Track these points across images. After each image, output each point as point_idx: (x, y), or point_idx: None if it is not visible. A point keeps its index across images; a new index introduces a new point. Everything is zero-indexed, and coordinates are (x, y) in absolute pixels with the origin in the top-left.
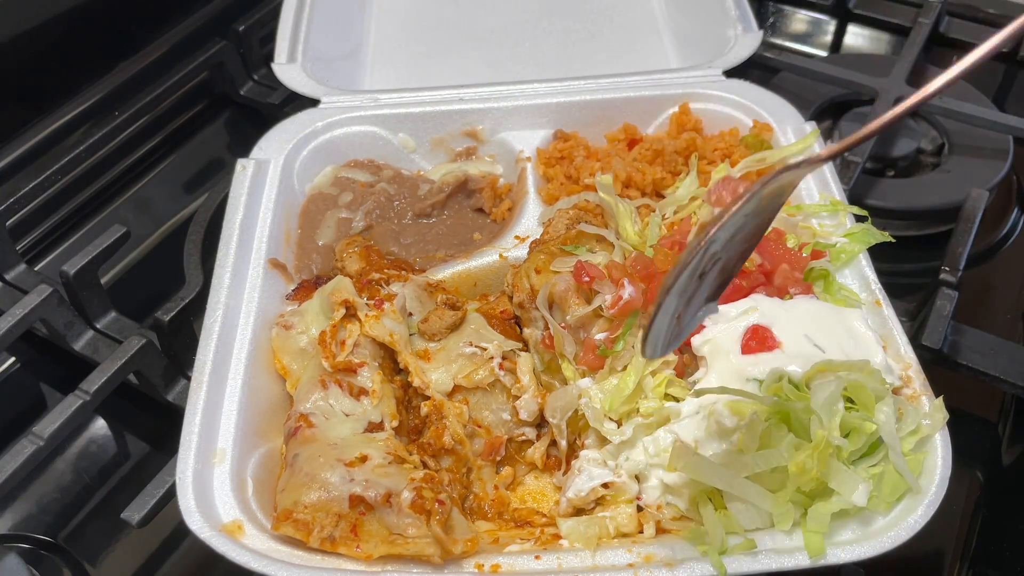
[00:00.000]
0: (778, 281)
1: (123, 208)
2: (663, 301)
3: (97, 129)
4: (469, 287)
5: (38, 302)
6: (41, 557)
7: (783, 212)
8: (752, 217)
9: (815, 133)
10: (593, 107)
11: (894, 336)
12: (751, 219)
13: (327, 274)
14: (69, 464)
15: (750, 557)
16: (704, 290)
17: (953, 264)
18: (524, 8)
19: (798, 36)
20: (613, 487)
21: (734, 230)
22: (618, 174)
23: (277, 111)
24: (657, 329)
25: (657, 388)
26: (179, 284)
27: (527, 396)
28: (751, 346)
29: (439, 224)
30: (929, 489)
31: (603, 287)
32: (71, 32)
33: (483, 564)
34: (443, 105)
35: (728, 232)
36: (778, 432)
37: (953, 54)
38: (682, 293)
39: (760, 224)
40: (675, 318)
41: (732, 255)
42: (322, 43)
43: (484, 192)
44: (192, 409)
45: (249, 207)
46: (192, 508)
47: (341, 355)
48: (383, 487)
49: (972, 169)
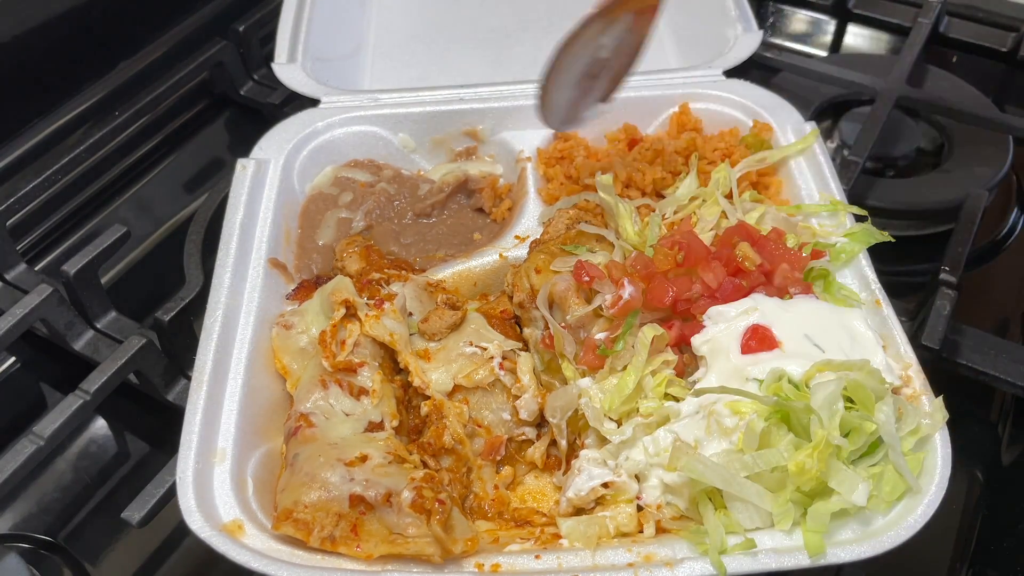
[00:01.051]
0: (778, 281)
1: (123, 208)
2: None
3: (97, 129)
4: (469, 287)
5: (38, 302)
6: (41, 557)
7: (783, 212)
8: (629, 33)
9: (815, 133)
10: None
11: (894, 336)
12: (629, 35)
13: (327, 274)
14: (69, 464)
15: (750, 557)
16: (597, 89)
17: (953, 264)
18: (524, 8)
19: (798, 36)
20: (613, 487)
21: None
22: (618, 174)
23: (277, 111)
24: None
25: (657, 388)
26: (179, 284)
27: (527, 396)
28: (751, 346)
29: (439, 224)
30: (929, 489)
31: (603, 287)
32: (71, 32)
33: (483, 564)
34: (443, 105)
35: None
36: (778, 432)
37: (953, 54)
38: (577, 85)
39: (637, 40)
40: (573, 104)
41: (619, 64)
42: (322, 43)
43: (484, 192)
44: (192, 409)
45: (249, 207)
46: (192, 508)
47: (341, 355)
48: (383, 487)
49: (972, 169)
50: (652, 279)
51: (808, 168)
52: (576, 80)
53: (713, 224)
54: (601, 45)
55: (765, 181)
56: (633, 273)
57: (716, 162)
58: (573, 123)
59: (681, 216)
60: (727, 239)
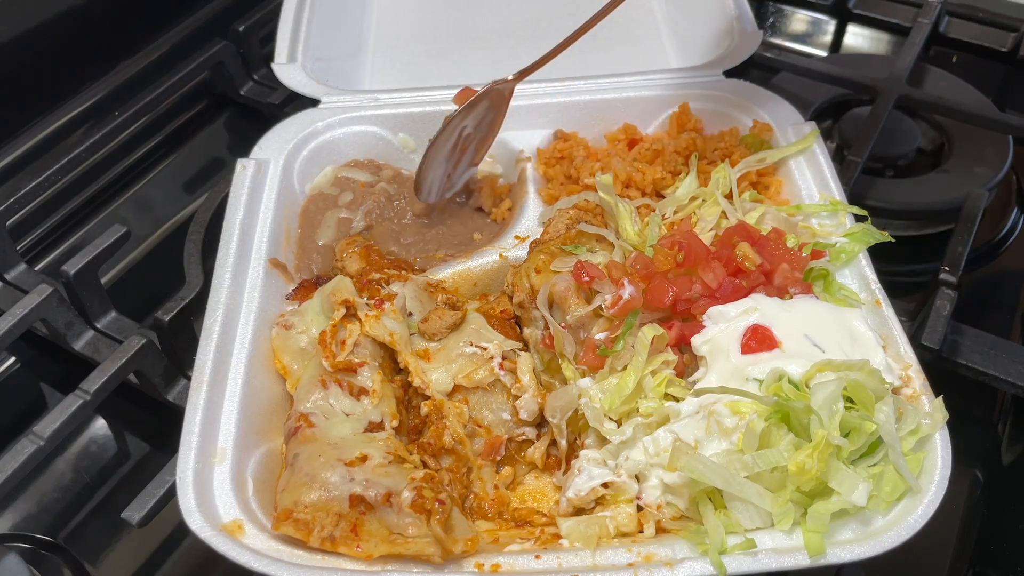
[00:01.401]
0: (778, 281)
1: (123, 208)
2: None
3: (97, 129)
4: (469, 287)
5: (38, 302)
6: (41, 557)
7: (783, 212)
8: (488, 111)
9: (815, 133)
10: (593, 107)
11: (894, 336)
12: (489, 111)
13: (327, 274)
14: (69, 464)
15: (750, 557)
16: (467, 158)
17: (953, 264)
18: (524, 8)
19: (798, 36)
20: (613, 487)
21: (476, 121)
22: (618, 174)
23: (277, 111)
24: (429, 181)
25: (657, 388)
26: (179, 284)
27: (527, 396)
28: (751, 346)
29: (439, 224)
30: (929, 489)
31: (603, 287)
32: (71, 32)
33: (483, 564)
34: (443, 105)
35: (473, 122)
36: (778, 432)
37: (953, 54)
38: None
39: (496, 113)
40: (446, 175)
41: (483, 134)
42: (322, 43)
43: (483, 192)
44: (192, 409)
45: (249, 207)
46: (192, 508)
47: (341, 355)
48: (383, 487)
49: (972, 169)
50: (652, 279)
51: (808, 168)
52: (446, 156)
53: (713, 224)
54: (465, 126)
55: (765, 181)
56: (633, 273)
57: (716, 162)
58: (448, 191)
59: (681, 216)
60: (727, 239)
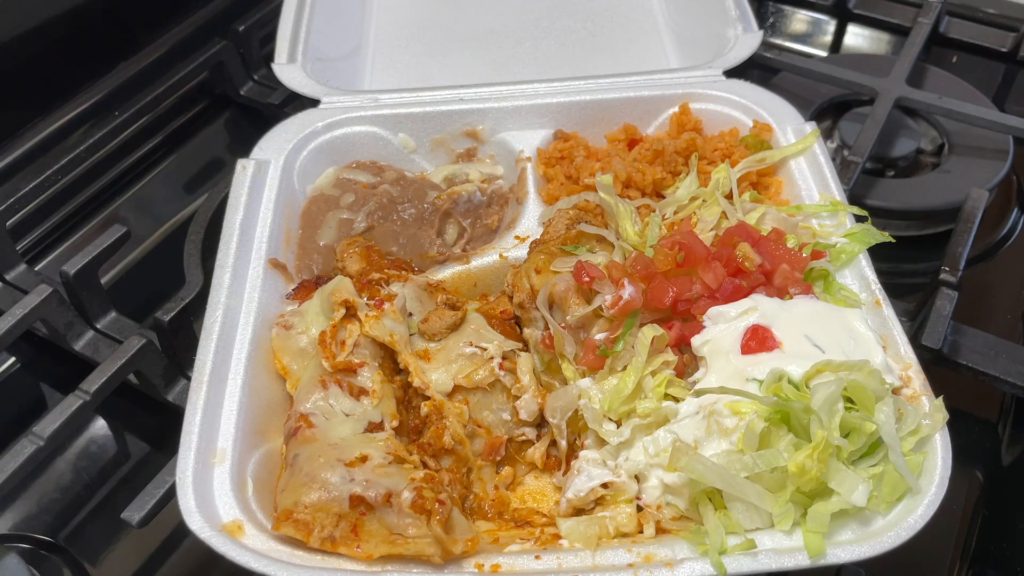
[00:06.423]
0: (778, 281)
1: (123, 208)
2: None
3: (97, 129)
4: (469, 287)
5: (38, 302)
6: (41, 557)
7: (783, 212)
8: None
9: (815, 133)
10: (593, 107)
11: (894, 336)
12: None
13: (327, 274)
14: (69, 464)
15: (750, 557)
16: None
17: (953, 264)
18: (524, 8)
19: (798, 36)
20: (613, 487)
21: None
22: (618, 174)
23: (277, 111)
24: None
25: (657, 388)
26: (179, 284)
27: (527, 396)
28: (751, 346)
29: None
30: (929, 489)
31: (603, 287)
32: (71, 32)
33: (483, 564)
34: (443, 105)
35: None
36: (778, 432)
37: (953, 54)
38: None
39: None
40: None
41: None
42: (322, 43)
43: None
44: (192, 409)
45: (249, 207)
46: (192, 508)
47: (341, 355)
48: (383, 487)
49: (972, 169)
50: (652, 279)
51: (808, 168)
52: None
53: (713, 224)
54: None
55: (765, 181)
56: (633, 273)
57: (716, 162)
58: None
59: (681, 216)
60: (727, 239)
